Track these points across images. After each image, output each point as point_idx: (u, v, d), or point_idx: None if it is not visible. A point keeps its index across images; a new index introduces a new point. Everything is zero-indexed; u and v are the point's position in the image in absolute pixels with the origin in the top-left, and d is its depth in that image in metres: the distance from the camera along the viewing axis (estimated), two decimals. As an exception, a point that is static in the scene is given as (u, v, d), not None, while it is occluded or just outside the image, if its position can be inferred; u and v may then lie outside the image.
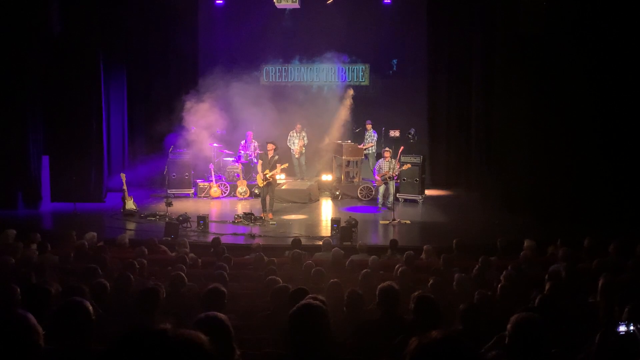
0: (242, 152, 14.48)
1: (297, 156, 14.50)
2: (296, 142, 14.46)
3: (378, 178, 12.17)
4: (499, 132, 12.63)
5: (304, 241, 9.08)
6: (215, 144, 14.45)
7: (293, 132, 14.53)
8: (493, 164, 12.94)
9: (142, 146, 15.06)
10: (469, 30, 14.38)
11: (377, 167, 12.32)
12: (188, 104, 13.39)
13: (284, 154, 13.43)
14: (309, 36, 15.04)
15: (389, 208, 11.90)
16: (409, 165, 12.37)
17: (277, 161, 11.28)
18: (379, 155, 13.11)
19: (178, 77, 14.85)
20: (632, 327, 3.00)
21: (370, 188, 13.20)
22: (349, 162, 14.12)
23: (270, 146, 11.43)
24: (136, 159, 14.89)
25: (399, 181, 13.12)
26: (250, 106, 13.63)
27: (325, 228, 10.65)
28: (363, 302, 4.56)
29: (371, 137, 14.18)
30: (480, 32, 13.67)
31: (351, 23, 14.70)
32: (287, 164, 11.81)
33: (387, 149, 12.41)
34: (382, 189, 12.22)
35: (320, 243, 8.57)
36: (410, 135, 14.09)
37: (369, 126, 14.22)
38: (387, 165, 12.12)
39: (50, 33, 12.17)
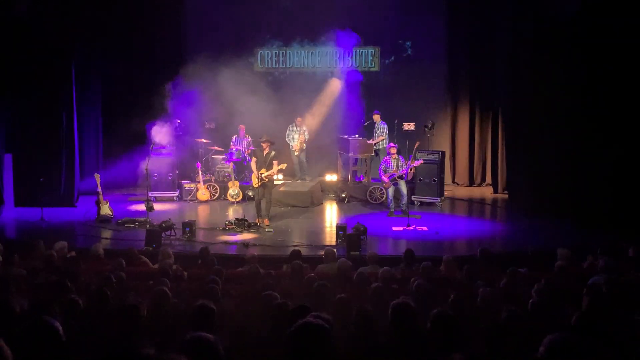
0: (234, 148, 14.49)
1: (297, 153, 14.51)
2: (296, 138, 14.47)
3: (385, 179, 12.17)
4: (530, 124, 12.60)
5: (305, 251, 9.09)
6: (203, 140, 14.47)
7: (292, 126, 14.54)
8: (523, 161, 12.92)
9: (119, 143, 15.06)
10: (495, 7, 14.35)
11: (382, 167, 12.32)
12: (172, 94, 13.42)
13: (283, 151, 13.43)
14: (310, 15, 15.04)
15: (402, 212, 11.90)
16: (421, 161, 12.36)
17: (273, 158, 11.28)
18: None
19: (161, 64, 14.84)
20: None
21: (382, 189, 13.21)
22: (356, 159, 14.11)
23: (265, 144, 11.41)
24: (113, 157, 14.90)
25: (414, 181, 13.11)
26: (243, 96, 13.65)
27: (330, 236, 10.66)
28: (373, 321, 4.56)
29: (381, 130, 14.15)
30: (507, 9, 13.63)
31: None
32: (285, 165, 11.81)
33: (392, 144, 12.41)
34: (391, 191, 12.22)
35: (323, 253, 8.57)
36: (427, 129, 14.09)
37: (376, 117, 14.19)
38: (395, 163, 12.11)
39: (12, 12, 12.19)
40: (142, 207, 12.02)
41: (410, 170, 12.08)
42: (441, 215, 12.61)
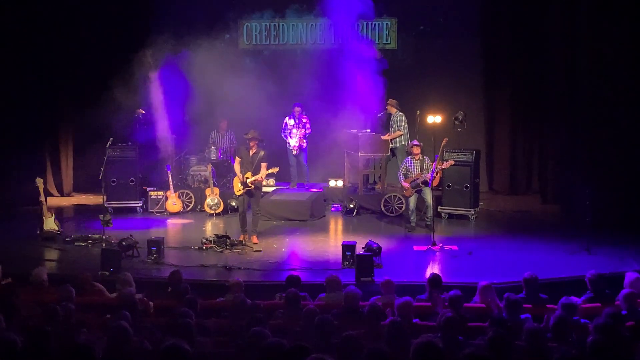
0: (213, 147, 14.50)
1: (294, 153, 14.53)
2: (294, 133, 14.48)
3: (406, 185, 12.16)
4: (591, 115, 12.57)
5: (303, 277, 9.07)
6: (174, 136, 14.47)
7: (289, 119, 14.55)
8: (580, 163, 12.90)
9: (68, 139, 15.11)
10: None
11: (402, 170, 12.31)
12: (135, 79, 13.42)
13: (277, 151, 13.45)
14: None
15: (426, 227, 11.88)
16: (451, 162, 12.36)
17: (262, 159, 11.28)
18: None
19: (121, 41, 14.87)
20: None
21: (400, 198, 13.21)
22: (368, 160, 14.10)
23: (252, 142, 11.41)
24: (59, 157, 14.92)
25: (441, 188, 13.10)
26: (225, 81, 13.64)
27: (335, 257, 10.65)
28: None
29: (398, 124, 14.12)
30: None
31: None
32: (277, 168, 11.82)
33: (416, 142, 12.40)
34: (413, 200, 12.21)
35: (325, 280, 8.57)
36: (457, 122, 14.09)
37: (391, 108, 14.15)
38: (419, 165, 12.10)
39: None
40: (96, 220, 12.02)
41: (436, 174, 12.05)
42: (475, 232, 12.61)
